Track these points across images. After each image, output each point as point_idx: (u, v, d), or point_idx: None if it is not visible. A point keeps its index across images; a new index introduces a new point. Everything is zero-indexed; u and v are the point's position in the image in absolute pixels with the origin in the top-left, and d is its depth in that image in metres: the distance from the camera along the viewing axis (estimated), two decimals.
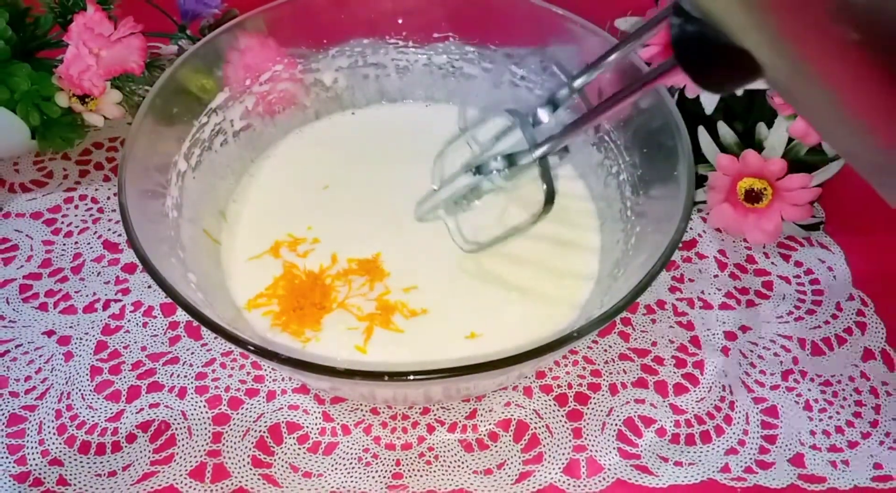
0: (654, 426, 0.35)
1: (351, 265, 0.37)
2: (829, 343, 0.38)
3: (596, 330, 0.28)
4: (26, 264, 0.41)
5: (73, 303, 0.39)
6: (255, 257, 0.37)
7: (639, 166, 0.36)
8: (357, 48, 0.42)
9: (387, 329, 0.35)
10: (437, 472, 0.33)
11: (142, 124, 0.33)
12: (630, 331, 0.39)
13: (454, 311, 0.35)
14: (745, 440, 0.35)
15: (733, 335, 0.39)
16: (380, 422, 0.35)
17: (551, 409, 0.36)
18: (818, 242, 0.42)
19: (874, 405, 0.36)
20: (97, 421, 0.35)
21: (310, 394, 0.36)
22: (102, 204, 0.44)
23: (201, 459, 0.34)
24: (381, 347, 0.34)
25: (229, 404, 0.36)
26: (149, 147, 0.34)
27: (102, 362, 0.37)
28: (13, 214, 0.43)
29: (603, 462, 0.34)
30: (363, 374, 0.27)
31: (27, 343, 0.38)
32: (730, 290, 0.40)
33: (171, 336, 0.38)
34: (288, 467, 0.34)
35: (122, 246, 0.42)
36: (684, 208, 0.30)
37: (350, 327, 0.35)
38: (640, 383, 0.37)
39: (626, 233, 0.36)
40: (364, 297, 0.36)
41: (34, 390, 0.36)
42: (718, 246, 0.42)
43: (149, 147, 0.34)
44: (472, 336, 0.34)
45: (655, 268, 0.29)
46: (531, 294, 0.36)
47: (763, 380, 0.37)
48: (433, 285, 0.36)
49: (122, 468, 0.34)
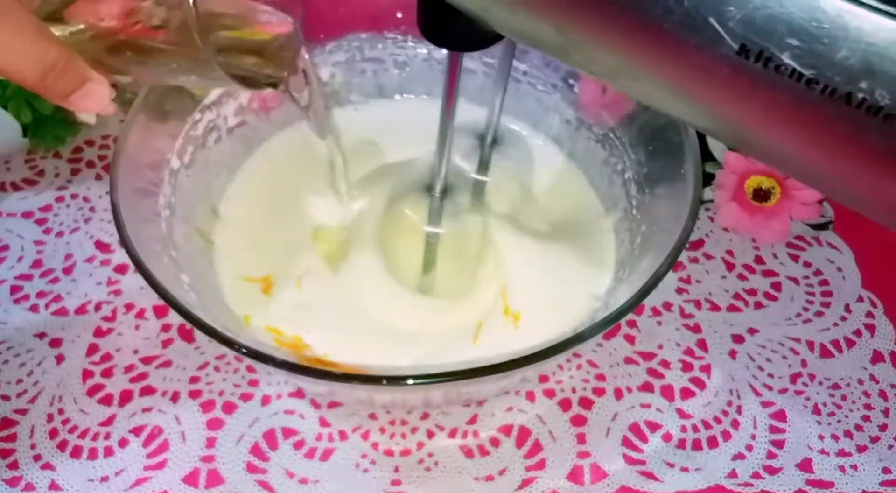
0: (659, 431, 0.35)
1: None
2: (837, 346, 0.38)
3: (600, 333, 0.27)
4: (17, 264, 0.41)
5: (65, 304, 0.39)
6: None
7: (644, 164, 0.35)
8: (355, 43, 0.42)
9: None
10: (437, 478, 0.33)
11: (134, 121, 0.33)
12: (636, 334, 0.38)
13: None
14: (752, 444, 0.34)
15: (741, 338, 0.38)
16: (378, 427, 0.34)
17: (554, 414, 0.35)
18: (827, 243, 0.42)
19: (883, 409, 0.35)
20: (89, 425, 0.34)
21: (306, 398, 0.35)
22: (94, 203, 0.43)
23: (195, 464, 0.33)
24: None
25: (223, 409, 0.35)
26: (141, 145, 0.33)
27: (94, 365, 0.37)
28: (4, 213, 0.43)
29: (607, 468, 0.33)
30: (361, 378, 0.26)
31: (18, 345, 0.37)
32: (738, 291, 0.40)
33: (164, 339, 0.37)
34: (283, 473, 0.33)
35: (115, 246, 0.41)
36: (691, 207, 0.29)
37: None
38: (646, 387, 0.36)
39: (632, 233, 0.35)
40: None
41: (25, 394, 0.36)
42: (726, 246, 0.42)
43: (141, 145, 0.33)
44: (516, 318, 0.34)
45: (662, 269, 0.28)
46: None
47: (771, 384, 0.36)
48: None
49: (115, 472, 0.33)
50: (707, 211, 0.43)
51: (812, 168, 0.17)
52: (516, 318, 0.34)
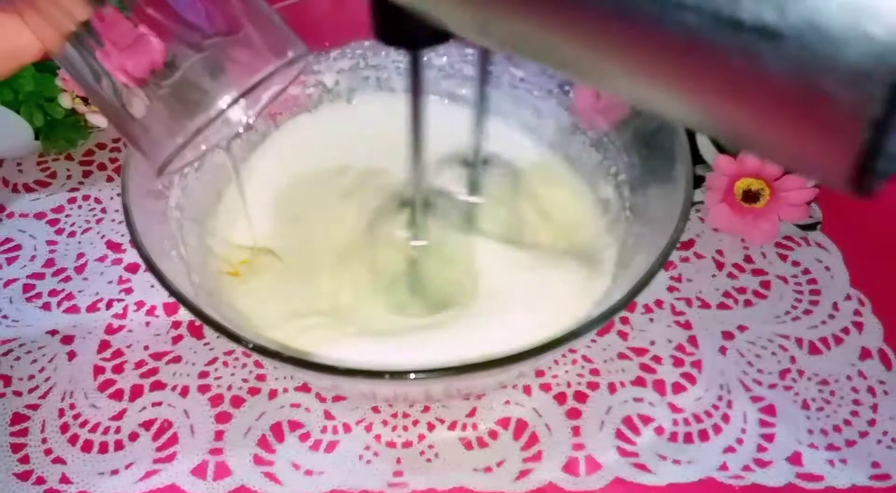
0: (652, 424, 0.35)
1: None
2: (826, 343, 0.38)
3: (594, 329, 0.28)
4: (29, 263, 0.41)
5: (77, 302, 0.40)
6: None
7: (637, 167, 0.36)
8: (358, 50, 0.43)
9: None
10: (437, 470, 0.34)
11: None
12: (629, 330, 0.39)
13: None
14: (742, 438, 0.35)
15: (731, 335, 0.39)
16: (381, 420, 0.35)
17: (550, 407, 0.36)
18: (815, 243, 0.43)
19: (871, 404, 0.36)
20: (100, 420, 0.35)
21: (311, 392, 0.36)
22: (105, 204, 0.44)
23: (203, 457, 0.34)
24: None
25: (231, 403, 0.36)
26: None
27: (105, 361, 0.37)
28: (17, 214, 0.44)
29: (601, 460, 0.34)
30: (364, 373, 0.27)
31: (30, 342, 0.38)
32: (728, 289, 0.41)
33: (174, 335, 0.38)
34: (289, 464, 0.34)
35: (125, 246, 0.42)
36: (682, 208, 0.30)
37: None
38: (639, 381, 0.37)
39: (625, 233, 0.36)
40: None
41: (37, 389, 0.36)
42: (716, 246, 0.43)
43: None
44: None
45: (654, 267, 0.29)
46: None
47: (761, 379, 0.37)
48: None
49: (125, 466, 0.34)
50: (698, 212, 0.44)
51: (721, 122, 0.14)
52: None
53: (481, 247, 0.36)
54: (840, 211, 0.43)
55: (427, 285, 0.36)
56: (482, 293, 0.36)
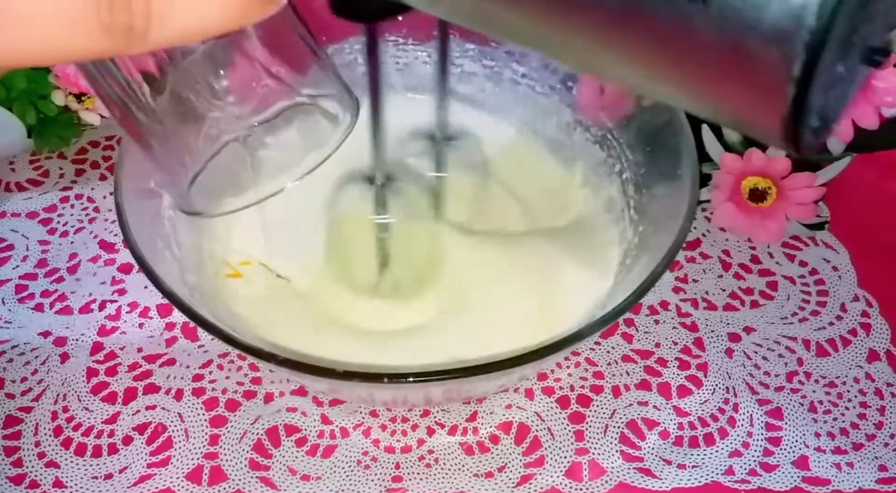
0: (657, 428, 0.35)
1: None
2: (833, 344, 0.38)
3: (598, 331, 0.28)
4: (22, 263, 0.41)
5: (69, 303, 0.39)
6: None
7: (642, 165, 0.36)
8: (356, 46, 0.42)
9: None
10: (437, 475, 0.33)
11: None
12: (633, 332, 0.38)
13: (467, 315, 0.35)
14: (749, 442, 0.34)
15: (737, 337, 0.38)
16: (379, 425, 0.35)
17: (553, 411, 0.35)
18: (823, 242, 0.42)
19: (879, 407, 0.36)
20: (93, 423, 0.35)
21: (308, 396, 0.35)
22: (98, 203, 0.44)
23: (198, 461, 0.33)
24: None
25: (226, 407, 0.35)
26: None
27: (98, 364, 0.37)
28: (9, 213, 0.43)
29: (605, 465, 0.34)
30: (362, 376, 0.26)
31: (23, 344, 0.37)
32: (734, 290, 0.40)
33: (168, 338, 0.38)
34: (286, 469, 0.33)
35: (119, 246, 0.41)
36: (688, 208, 0.30)
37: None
38: (644, 385, 0.36)
39: (630, 233, 0.35)
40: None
41: (30, 392, 0.36)
42: (723, 246, 0.42)
43: None
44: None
45: (659, 268, 0.28)
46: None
47: (767, 382, 0.36)
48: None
49: (119, 470, 0.33)
50: (704, 211, 0.43)
51: (665, 85, 0.14)
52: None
53: (453, 233, 0.36)
54: (848, 210, 0.43)
55: (397, 264, 0.35)
56: (479, 296, 0.35)
